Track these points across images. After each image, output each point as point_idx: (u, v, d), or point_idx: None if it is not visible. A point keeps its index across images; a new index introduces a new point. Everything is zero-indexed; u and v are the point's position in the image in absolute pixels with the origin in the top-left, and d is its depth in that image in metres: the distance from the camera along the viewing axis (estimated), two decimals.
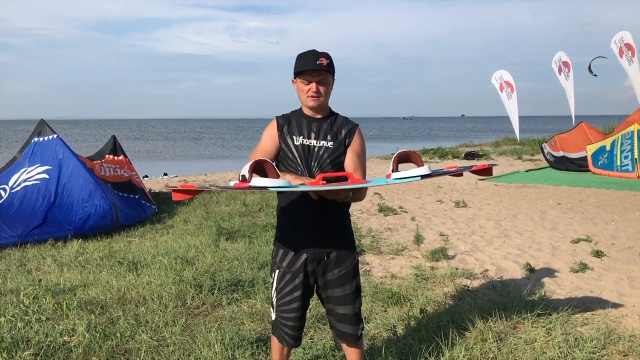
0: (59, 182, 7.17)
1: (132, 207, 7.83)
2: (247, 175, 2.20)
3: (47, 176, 7.20)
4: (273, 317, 2.66)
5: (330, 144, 2.53)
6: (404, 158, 2.33)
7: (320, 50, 2.51)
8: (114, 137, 9.35)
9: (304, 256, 2.56)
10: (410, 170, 2.27)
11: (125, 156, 9.09)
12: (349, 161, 2.53)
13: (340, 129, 2.56)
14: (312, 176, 2.47)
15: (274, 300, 2.63)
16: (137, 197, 8.11)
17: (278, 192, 2.65)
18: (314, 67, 2.44)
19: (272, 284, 2.65)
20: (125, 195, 7.92)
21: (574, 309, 4.09)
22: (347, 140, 2.55)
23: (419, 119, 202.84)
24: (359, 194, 2.51)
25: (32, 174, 7.20)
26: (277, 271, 2.62)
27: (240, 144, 41.11)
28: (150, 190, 9.70)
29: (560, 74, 21.64)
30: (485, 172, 2.34)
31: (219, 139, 52.17)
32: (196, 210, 8.64)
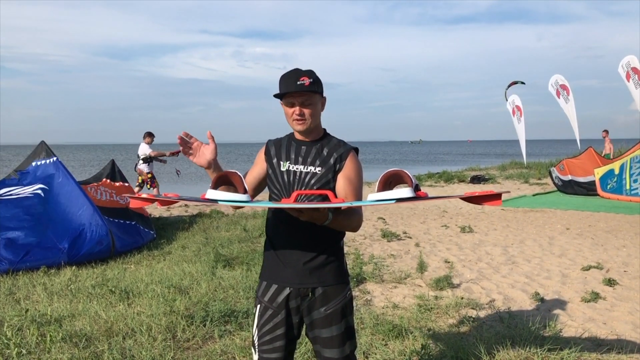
0: (55, 206, 7.00)
1: (128, 232, 7.66)
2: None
3: (41, 193, 7.05)
4: (255, 358, 2.41)
5: (318, 169, 2.32)
6: (396, 179, 2.08)
7: (305, 69, 2.31)
8: (112, 162, 9.22)
9: (287, 291, 2.33)
10: (388, 192, 2.01)
11: (125, 181, 8.94)
12: (339, 187, 2.31)
13: (331, 153, 2.35)
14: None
15: (256, 339, 2.39)
16: (133, 223, 7.92)
17: (267, 217, 2.49)
18: (295, 89, 2.24)
19: (254, 320, 2.42)
20: (121, 221, 7.74)
21: (587, 343, 3.85)
22: (337, 166, 2.32)
23: (426, 143, 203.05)
24: (347, 221, 2.27)
25: (26, 190, 7.06)
26: (258, 306, 2.40)
27: (248, 167, 41.06)
28: (150, 215, 9.53)
29: (559, 97, 21.55)
30: (492, 198, 1.90)
31: (227, 161, 52.26)
32: (195, 235, 8.45)
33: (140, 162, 11.77)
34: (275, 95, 2.32)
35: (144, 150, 11.61)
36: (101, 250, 6.86)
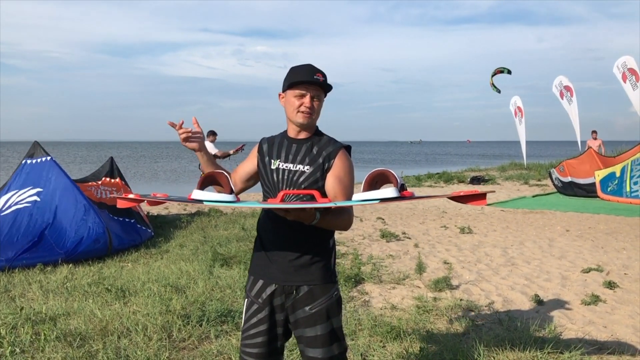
0: (51, 205, 6.95)
1: (127, 231, 7.60)
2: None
3: (37, 198, 6.99)
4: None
5: (306, 168, 2.29)
6: (382, 178, 2.06)
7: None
8: (111, 159, 9.17)
9: (272, 287, 2.32)
10: (373, 192, 2.00)
11: (122, 179, 8.90)
12: (329, 187, 2.28)
13: (320, 151, 2.32)
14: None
15: (242, 331, 2.41)
16: (132, 221, 7.87)
17: (260, 214, 2.48)
18: (311, 80, 2.24)
19: (242, 313, 2.44)
20: (121, 219, 7.69)
21: (587, 347, 3.81)
22: (325, 165, 2.29)
23: (426, 143, 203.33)
24: (335, 221, 2.24)
25: (23, 197, 6.98)
26: (246, 300, 2.42)
27: None
28: (147, 213, 9.48)
29: (562, 98, 21.51)
30: (477, 198, 1.91)
31: (227, 160, 52.18)
32: (193, 234, 8.41)
33: None
34: (290, 84, 2.28)
35: (209, 148, 11.94)
36: (98, 248, 6.81)
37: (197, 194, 2.05)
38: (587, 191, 13.33)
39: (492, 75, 24.22)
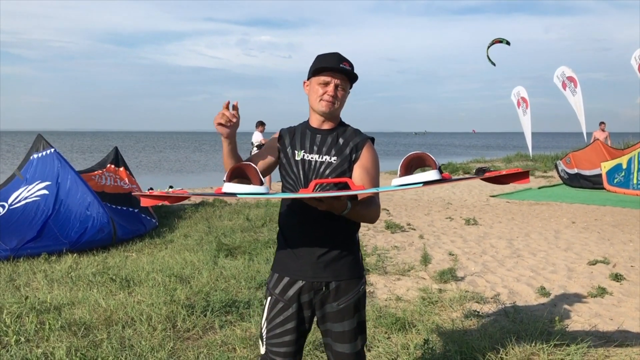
0: (58, 197, 6.99)
1: (130, 220, 7.61)
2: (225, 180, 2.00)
3: (46, 192, 7.05)
4: (262, 350, 2.34)
5: (333, 159, 2.23)
6: (418, 162, 1.98)
7: None
8: (116, 149, 9.19)
9: (299, 284, 2.26)
10: (414, 176, 1.92)
11: (127, 168, 8.91)
12: (356, 177, 2.22)
13: (347, 142, 2.26)
14: None
15: (264, 331, 2.32)
16: (136, 210, 7.88)
17: (280, 208, 2.41)
18: (339, 68, 2.19)
19: (263, 312, 2.35)
20: (124, 208, 7.70)
21: (594, 340, 3.78)
22: (353, 156, 2.24)
23: (431, 134, 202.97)
24: (365, 211, 2.17)
25: (32, 191, 7.04)
26: (269, 298, 2.33)
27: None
28: None
29: (565, 89, 21.24)
30: (519, 177, 1.84)
31: None
32: (198, 224, 8.40)
33: (255, 149, 12.35)
34: (315, 71, 2.22)
35: (258, 138, 12.19)
36: (102, 238, 6.82)
37: (229, 187, 1.98)
38: (594, 183, 13.26)
39: (490, 45, 23.50)
